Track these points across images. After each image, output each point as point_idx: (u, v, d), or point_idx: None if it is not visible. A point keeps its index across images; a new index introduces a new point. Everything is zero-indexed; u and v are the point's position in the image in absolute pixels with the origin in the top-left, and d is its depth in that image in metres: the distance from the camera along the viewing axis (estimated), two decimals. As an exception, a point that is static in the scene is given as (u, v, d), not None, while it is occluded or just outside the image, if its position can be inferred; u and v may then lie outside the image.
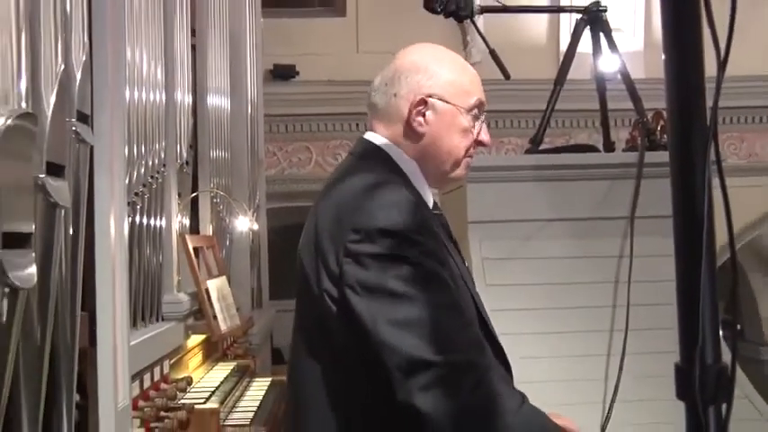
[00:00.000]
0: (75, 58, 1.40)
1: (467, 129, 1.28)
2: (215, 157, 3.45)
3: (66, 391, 1.32)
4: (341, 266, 1.14)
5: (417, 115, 1.26)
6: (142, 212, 2.25)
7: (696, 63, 0.78)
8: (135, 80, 2.18)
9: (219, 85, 3.63)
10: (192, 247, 2.76)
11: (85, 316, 1.62)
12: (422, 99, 1.25)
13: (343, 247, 1.14)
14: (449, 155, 1.28)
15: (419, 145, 1.27)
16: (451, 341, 1.10)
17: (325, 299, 1.16)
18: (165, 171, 2.50)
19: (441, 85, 1.27)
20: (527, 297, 2.27)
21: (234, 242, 3.80)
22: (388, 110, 1.28)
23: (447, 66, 1.29)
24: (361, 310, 1.12)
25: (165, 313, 2.47)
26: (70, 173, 1.40)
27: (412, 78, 1.27)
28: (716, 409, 0.76)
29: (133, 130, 2.17)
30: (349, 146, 6.38)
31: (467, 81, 1.30)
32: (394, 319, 1.10)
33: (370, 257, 1.12)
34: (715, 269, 0.77)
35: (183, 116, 2.82)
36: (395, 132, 1.27)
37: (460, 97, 1.27)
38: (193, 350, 2.85)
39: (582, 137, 5.90)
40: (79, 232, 1.48)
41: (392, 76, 1.28)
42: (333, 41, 5.99)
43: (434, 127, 1.26)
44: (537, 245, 2.39)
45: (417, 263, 1.12)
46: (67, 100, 1.38)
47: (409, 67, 1.28)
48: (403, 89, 1.27)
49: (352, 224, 1.15)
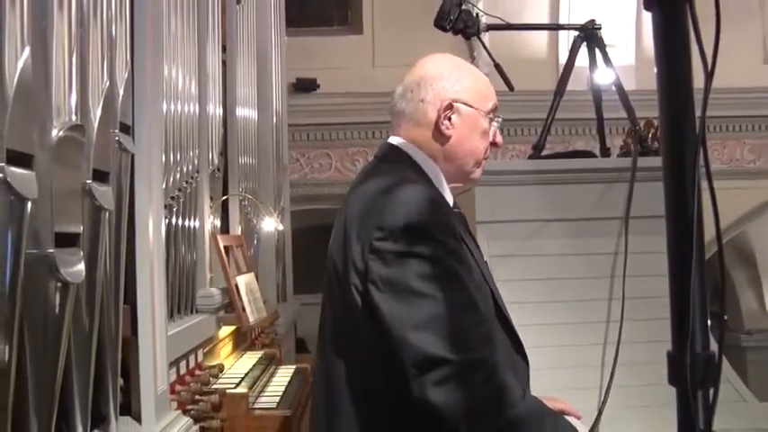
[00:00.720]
0: (119, 76, 1.42)
1: (486, 131, 1.29)
2: (243, 164, 3.47)
3: (111, 376, 1.34)
4: (366, 262, 1.13)
5: (445, 119, 1.26)
6: (178, 214, 2.27)
7: (685, 76, 0.78)
8: (171, 94, 2.20)
9: (247, 98, 3.65)
10: (223, 246, 2.77)
11: (128, 308, 1.64)
12: (449, 103, 1.26)
13: (368, 244, 1.13)
14: (471, 155, 1.28)
15: (445, 147, 1.27)
16: (466, 339, 1.09)
17: (352, 292, 1.15)
18: (198, 176, 2.51)
19: (464, 90, 1.27)
20: (528, 291, 2.27)
21: (261, 241, 3.81)
22: (414, 115, 1.28)
23: (468, 72, 1.30)
24: (382, 306, 1.11)
25: (199, 306, 2.48)
26: (114, 179, 1.43)
27: (437, 85, 1.27)
28: (704, 393, 0.76)
29: (170, 140, 2.18)
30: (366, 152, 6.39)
31: (485, 87, 1.31)
32: (412, 316, 1.09)
33: (392, 255, 1.11)
34: (704, 264, 0.77)
35: (214, 126, 2.84)
36: (420, 135, 1.27)
37: (481, 101, 1.28)
38: (224, 340, 2.86)
39: (580, 143, 5.87)
40: (121, 233, 1.50)
41: (417, 84, 1.28)
42: (350, 57, 6.00)
43: (460, 129, 1.27)
44: (538, 243, 2.38)
45: (438, 261, 1.11)
46: (112, 113, 1.40)
47: (434, 75, 1.28)
48: (429, 95, 1.27)
49: (377, 222, 1.14)
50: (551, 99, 2.68)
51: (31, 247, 1.03)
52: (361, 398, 1.16)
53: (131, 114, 1.59)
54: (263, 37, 4.01)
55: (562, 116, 3.44)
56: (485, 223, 2.35)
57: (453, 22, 2.44)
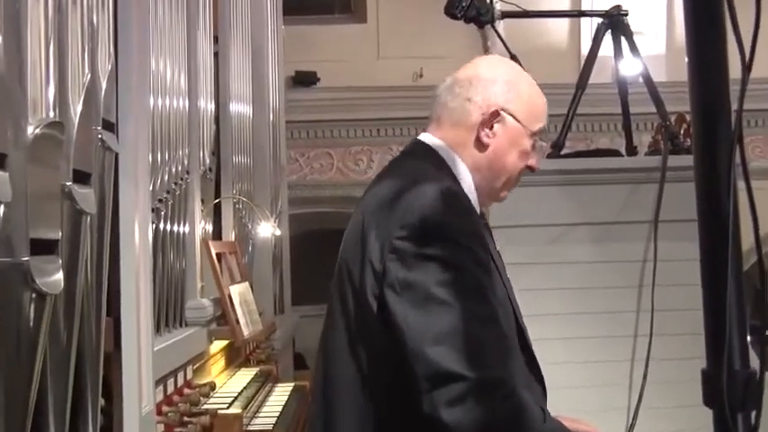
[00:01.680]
0: (102, 68, 1.42)
1: (527, 151, 1.28)
2: (237, 164, 3.47)
3: (91, 396, 1.34)
4: (384, 263, 1.12)
5: (487, 125, 1.25)
6: (166, 219, 2.27)
7: (720, 65, 0.77)
8: (159, 88, 2.20)
9: (242, 92, 3.66)
10: (215, 253, 2.77)
11: (110, 321, 1.63)
12: (496, 110, 1.25)
13: (389, 242, 1.12)
14: (504, 171, 1.27)
15: (479, 155, 1.26)
16: (484, 356, 1.08)
17: (367, 295, 1.14)
18: (188, 178, 2.51)
19: (516, 101, 1.26)
20: (550, 302, 2.25)
21: (256, 248, 3.81)
22: (456, 112, 1.26)
23: (527, 86, 1.29)
24: (398, 311, 1.10)
25: (189, 318, 2.48)
26: (96, 180, 1.42)
27: (490, 88, 1.26)
28: (745, 416, 0.75)
29: (157, 138, 2.19)
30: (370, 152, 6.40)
31: (540, 106, 1.29)
32: (430, 327, 1.08)
33: (414, 256, 1.10)
34: (741, 273, 0.76)
35: (205, 123, 2.84)
36: (456, 136, 1.26)
37: (530, 119, 1.27)
38: (216, 355, 2.86)
39: (604, 141, 5.85)
40: (104, 238, 1.49)
41: (469, 81, 1.27)
42: (353, 48, 6.01)
43: (500, 141, 1.26)
44: (560, 249, 2.37)
45: (463, 269, 1.10)
46: (94, 108, 1.39)
47: (489, 77, 1.27)
48: (478, 95, 1.26)
49: (401, 220, 1.12)
50: (572, 93, 2.67)
51: (4, 254, 1.03)
52: (368, 410, 1.15)
53: (115, 110, 1.58)
54: (258, 26, 4.02)
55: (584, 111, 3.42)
56: (500, 228, 2.32)
57: (465, 9, 2.44)
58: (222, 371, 2.94)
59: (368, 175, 5.99)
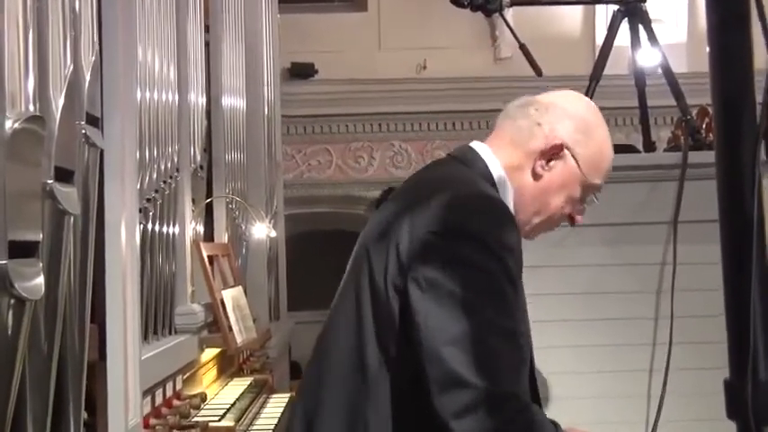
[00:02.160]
0: (85, 59, 1.42)
1: (575, 199, 1.29)
2: (230, 161, 3.47)
3: (73, 408, 1.33)
4: (413, 256, 1.13)
5: (546, 157, 1.26)
6: (154, 219, 2.27)
7: (744, 55, 0.77)
8: (146, 80, 2.21)
9: (235, 85, 3.66)
10: (207, 256, 2.77)
11: (95, 328, 1.63)
12: (560, 145, 1.25)
13: (421, 234, 1.13)
14: (546, 211, 1.28)
15: (528, 183, 1.27)
16: (497, 369, 1.09)
17: (386, 286, 1.15)
18: (178, 176, 2.52)
19: (585, 146, 1.27)
20: (560, 307, 2.24)
21: (250, 250, 3.82)
22: (520, 132, 1.28)
23: (601, 135, 1.30)
24: (418, 307, 1.11)
25: (178, 325, 2.48)
26: (79, 178, 1.42)
27: (565, 121, 1.27)
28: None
29: (145, 133, 2.19)
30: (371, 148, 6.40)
31: (606, 163, 1.30)
32: (449, 329, 1.09)
33: (446, 256, 1.12)
34: (767, 276, 0.75)
35: (196, 118, 2.85)
36: (512, 156, 1.27)
37: (591, 170, 1.28)
38: (207, 364, 2.86)
39: (619, 136, 5.84)
40: (89, 240, 1.49)
41: (546, 108, 1.28)
42: (353, 38, 6.01)
43: (553, 177, 1.27)
44: (571, 251, 2.36)
45: (493, 278, 1.11)
46: (77, 102, 1.39)
47: (569, 111, 1.28)
48: (550, 124, 1.27)
49: (440, 216, 1.14)
50: (586, 85, 2.66)
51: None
52: (361, 410, 1.16)
53: (100, 104, 1.58)
54: (252, 14, 4.02)
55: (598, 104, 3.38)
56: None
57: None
58: (214, 381, 2.94)
59: (368, 173, 6.00)
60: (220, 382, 3.02)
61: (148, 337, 2.19)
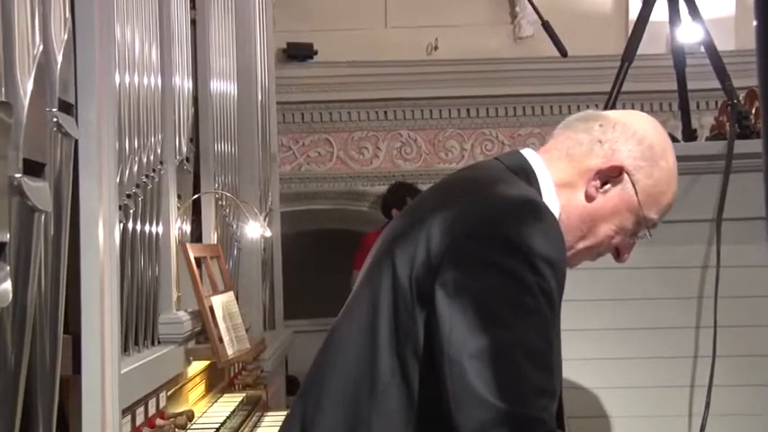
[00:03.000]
0: (56, 38, 1.42)
1: (626, 230, 1.29)
2: (220, 153, 3.47)
3: (43, 428, 1.33)
4: (444, 256, 1.13)
5: (601, 178, 1.25)
6: (135, 217, 2.27)
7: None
8: (126, 63, 2.20)
9: (224, 68, 3.66)
10: (194, 258, 2.77)
11: (68, 339, 1.64)
12: (620, 168, 1.25)
13: (458, 237, 1.13)
14: (592, 237, 1.28)
15: (576, 205, 1.26)
16: (524, 391, 1.09)
17: (410, 286, 1.15)
18: (162, 169, 2.52)
19: (648, 175, 1.27)
20: (586, 315, 2.24)
21: (243, 252, 3.82)
22: (578, 147, 1.27)
23: (667, 168, 1.29)
24: (443, 314, 1.11)
25: (162, 335, 2.48)
26: (51, 172, 1.42)
27: (630, 144, 1.27)
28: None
29: (124, 122, 2.19)
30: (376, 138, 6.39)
31: (668, 198, 1.30)
32: (473, 339, 1.09)
33: (481, 261, 1.12)
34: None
35: (182, 104, 2.85)
36: (565, 171, 1.27)
37: (650, 203, 1.28)
38: (195, 379, 2.86)
39: (655, 124, 5.81)
40: (62, 241, 1.49)
41: (613, 126, 1.28)
42: (357, 15, 6.01)
43: (606, 202, 1.26)
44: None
45: (530, 293, 1.11)
46: (47, 86, 1.39)
47: (637, 133, 1.27)
48: (612, 143, 1.26)
49: (481, 219, 1.14)
50: (617, 66, 2.65)
51: (-59, 259, 1.02)
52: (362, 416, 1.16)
53: (74, 89, 1.58)
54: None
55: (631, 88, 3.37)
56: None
57: (489, -33, 2.42)
58: (202, 397, 2.94)
59: (373, 166, 6.00)
60: (209, 398, 3.02)
61: (129, 349, 2.19)
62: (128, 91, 2.22)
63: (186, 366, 2.70)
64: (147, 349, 2.35)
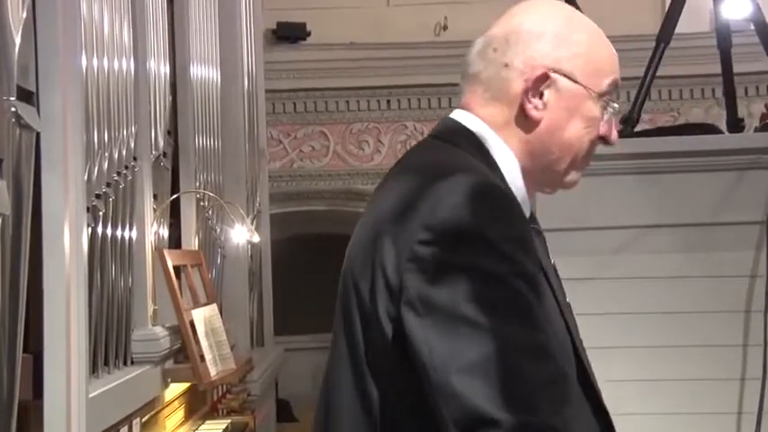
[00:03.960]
0: (13, 16, 1.41)
1: (595, 118, 1.28)
2: (201, 147, 3.47)
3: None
4: (402, 275, 1.13)
5: (534, 95, 1.25)
6: (106, 220, 2.27)
7: None
8: (94, 44, 2.20)
9: (205, 51, 3.66)
10: (173, 266, 2.77)
11: (29, 359, 1.63)
12: (544, 74, 1.25)
13: (407, 248, 1.14)
14: (568, 150, 1.27)
15: (530, 136, 1.27)
16: (529, 397, 1.09)
17: (378, 317, 1.16)
18: (135, 166, 2.52)
19: (571, 57, 1.26)
20: (623, 331, 2.24)
21: (227, 259, 3.82)
22: (493, 83, 1.27)
23: (583, 33, 1.29)
24: (417, 335, 1.11)
25: (136, 354, 2.48)
26: (9, 169, 1.41)
27: (533, 45, 1.26)
28: None
29: (92, 112, 2.18)
30: (378, 130, 6.40)
31: (606, 56, 1.29)
32: (459, 354, 1.09)
33: (441, 267, 1.11)
34: None
35: (158, 92, 2.84)
36: (498, 114, 1.27)
37: (593, 77, 1.27)
38: (173, 403, 2.86)
39: (696, 113, 5.82)
40: (21, 248, 1.48)
41: (506, 39, 1.27)
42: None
43: (554, 112, 1.26)
44: (633, 260, 2.36)
45: (503, 282, 1.11)
46: (4, 72, 1.38)
47: (532, 30, 1.27)
48: (518, 58, 1.26)
49: (423, 220, 1.14)
50: (652, 48, 2.65)
51: None
52: None
53: (34, 74, 1.58)
54: (228, -38, 4.03)
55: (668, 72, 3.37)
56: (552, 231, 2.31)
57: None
58: (181, 424, 2.94)
59: (375, 162, 6.00)
60: (189, 425, 3.02)
61: (98, 370, 2.19)
62: (96, 77, 2.21)
63: (163, 389, 2.70)
64: (119, 370, 2.34)
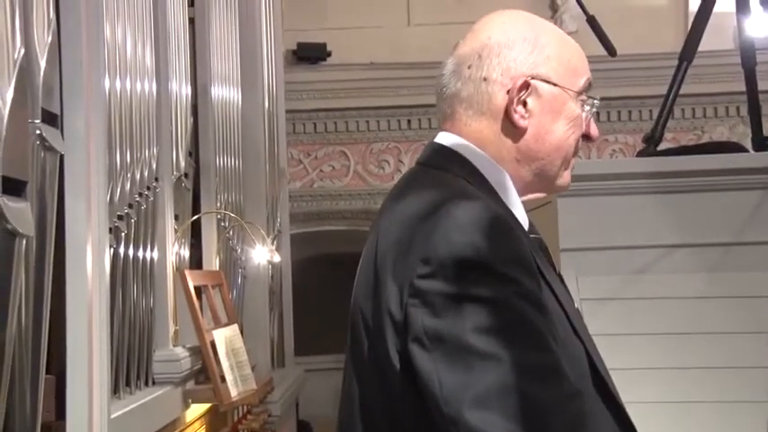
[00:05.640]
0: (39, 40, 1.43)
1: (578, 117, 1.29)
2: (222, 167, 3.49)
3: (25, 482, 1.33)
4: (406, 310, 1.14)
5: (519, 103, 1.27)
6: (128, 241, 2.28)
7: None
8: (117, 66, 2.22)
9: (227, 72, 3.69)
10: (194, 287, 2.78)
11: (52, 380, 1.64)
12: (524, 82, 1.26)
13: (408, 283, 1.14)
14: (557, 152, 1.29)
15: (519, 144, 1.28)
16: (545, 422, 1.09)
17: (387, 352, 1.16)
18: (157, 186, 2.53)
19: (545, 61, 1.28)
20: (646, 353, 2.21)
21: (248, 279, 3.82)
22: (474, 99, 1.29)
23: (548, 35, 1.31)
24: (426, 369, 1.11)
25: (158, 375, 2.48)
26: (33, 191, 1.42)
27: (507, 55, 1.28)
28: None
29: (115, 133, 2.20)
30: (398, 150, 6.42)
31: (573, 56, 1.31)
32: (470, 386, 1.09)
33: (442, 298, 1.12)
34: None
35: (180, 113, 2.86)
36: (484, 129, 1.29)
37: (569, 76, 1.29)
38: (194, 424, 2.86)
39: (720, 131, 5.78)
40: (45, 269, 1.49)
41: (478, 55, 1.29)
42: (376, 11, 6.04)
43: (539, 118, 1.27)
44: (656, 280, 2.34)
45: (506, 308, 1.11)
46: (29, 95, 1.40)
47: (502, 42, 1.29)
48: (495, 70, 1.27)
49: (421, 253, 1.14)
50: (675, 65, 2.64)
51: None
52: None
53: (59, 97, 1.59)
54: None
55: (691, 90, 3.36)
56: (572, 251, 2.30)
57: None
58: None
59: (395, 182, 5.99)
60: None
61: (119, 391, 2.19)
62: (119, 98, 2.23)
63: (184, 410, 2.70)
64: (141, 391, 2.35)
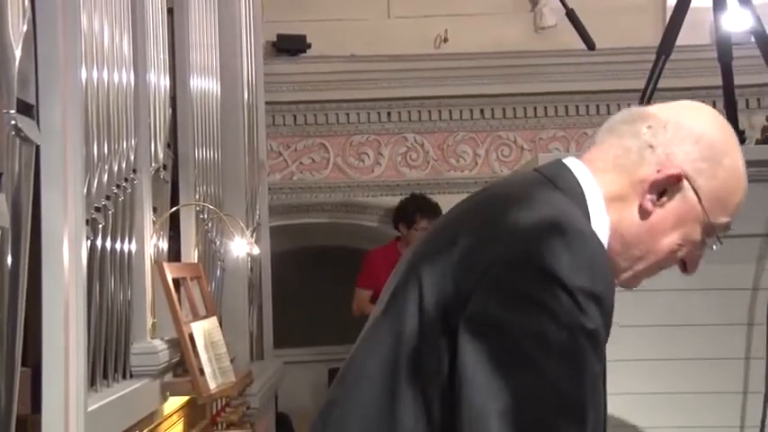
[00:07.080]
0: (14, 29, 1.41)
1: (695, 242, 1.26)
2: (201, 159, 3.48)
3: (0, 477, 1.32)
4: (475, 285, 1.12)
5: (657, 189, 1.24)
6: (105, 234, 2.27)
7: None
8: (94, 57, 2.20)
9: (206, 63, 3.67)
10: (172, 279, 2.77)
11: (27, 372, 1.63)
12: (678, 174, 1.23)
13: (492, 263, 1.12)
14: (652, 255, 1.26)
15: (631, 220, 1.24)
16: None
17: (440, 327, 1.14)
18: (135, 178, 2.51)
19: (711, 178, 1.24)
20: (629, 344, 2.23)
21: (227, 272, 3.81)
22: (627, 155, 1.25)
23: (732, 164, 1.26)
24: (467, 351, 1.10)
25: (135, 368, 2.47)
26: (9, 182, 1.41)
27: (686, 144, 1.24)
28: None
29: (92, 125, 2.18)
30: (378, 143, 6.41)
31: (737, 197, 1.27)
32: (502, 387, 1.08)
33: (518, 295, 1.11)
34: None
35: (158, 105, 2.85)
36: (616, 184, 1.25)
37: (717, 206, 1.25)
38: (172, 417, 2.85)
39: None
40: (20, 261, 1.48)
41: (664, 125, 1.26)
42: (356, 4, 6.03)
43: (665, 215, 1.24)
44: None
45: (568, 331, 1.10)
46: (4, 85, 1.39)
47: (693, 130, 1.25)
48: (665, 147, 1.24)
49: (521, 246, 1.13)
50: (652, 59, 2.65)
51: None
52: None
53: (34, 87, 1.58)
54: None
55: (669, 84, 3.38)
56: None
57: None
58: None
59: (375, 174, 6.00)
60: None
61: (96, 384, 2.18)
62: (96, 89, 2.22)
63: (162, 403, 2.69)
64: (118, 383, 2.33)
